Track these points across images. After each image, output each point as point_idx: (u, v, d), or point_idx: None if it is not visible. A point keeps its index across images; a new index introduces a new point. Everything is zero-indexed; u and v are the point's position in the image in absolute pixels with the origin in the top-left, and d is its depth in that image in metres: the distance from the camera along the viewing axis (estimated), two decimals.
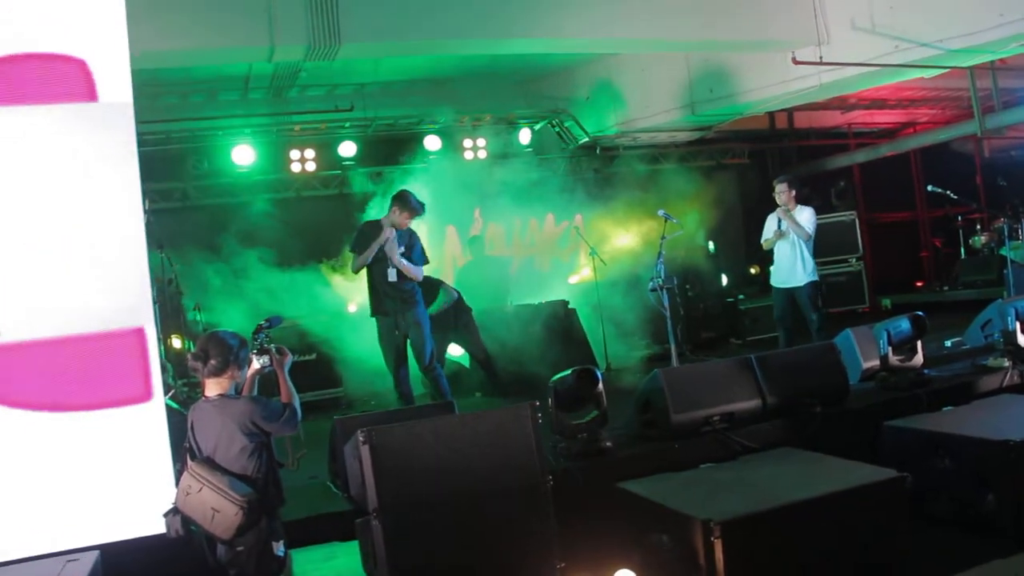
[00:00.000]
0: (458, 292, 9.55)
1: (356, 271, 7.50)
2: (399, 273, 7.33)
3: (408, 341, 7.44)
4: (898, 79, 11.78)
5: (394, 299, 7.35)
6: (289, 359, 4.22)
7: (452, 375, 8.95)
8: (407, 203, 7.41)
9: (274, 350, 4.18)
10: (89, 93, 4.43)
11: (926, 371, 6.31)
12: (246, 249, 10.48)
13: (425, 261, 7.68)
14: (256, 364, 4.14)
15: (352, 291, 11.42)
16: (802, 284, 8.66)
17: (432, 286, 8.78)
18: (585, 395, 5.23)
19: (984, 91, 12.60)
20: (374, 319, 7.54)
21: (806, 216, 8.72)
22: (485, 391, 9.75)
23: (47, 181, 4.33)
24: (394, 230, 7.32)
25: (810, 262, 8.69)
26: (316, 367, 9.67)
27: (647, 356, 10.83)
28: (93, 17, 4.46)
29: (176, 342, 9.52)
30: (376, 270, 7.34)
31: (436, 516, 3.77)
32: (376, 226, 7.45)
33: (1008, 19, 9.05)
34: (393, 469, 3.72)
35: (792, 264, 8.73)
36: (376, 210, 10.17)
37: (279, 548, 3.89)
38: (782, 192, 8.76)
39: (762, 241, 9.04)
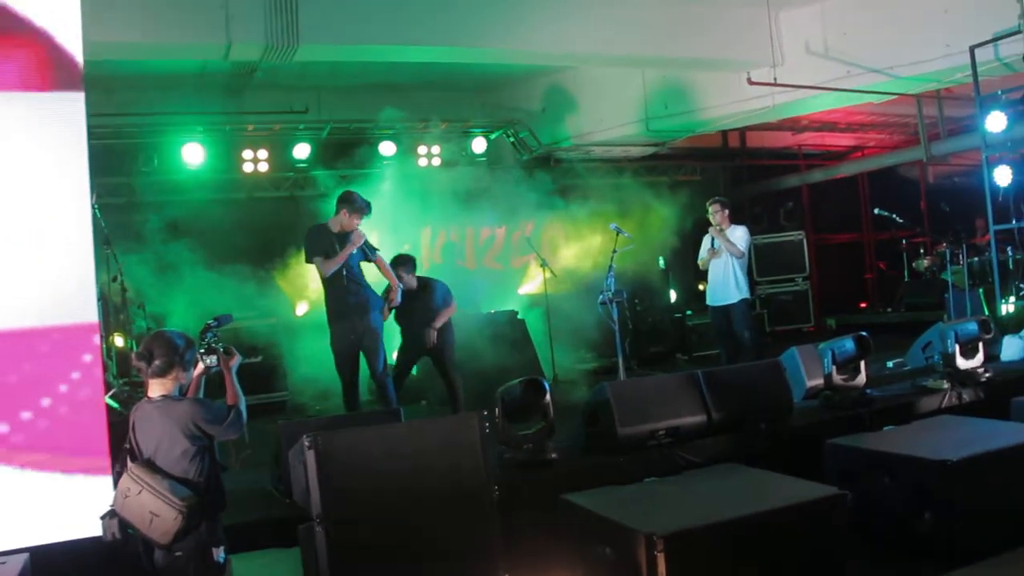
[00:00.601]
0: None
1: (326, 275, 7.28)
2: (358, 278, 7.27)
3: (362, 347, 7.36)
4: (849, 103, 12.01)
5: (352, 305, 7.26)
6: (237, 360, 4.14)
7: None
8: (355, 203, 7.34)
9: (221, 350, 4.10)
10: (40, 83, 4.34)
11: (868, 391, 6.42)
12: (194, 248, 10.31)
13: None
14: (203, 364, 4.07)
15: (299, 294, 11.34)
16: (735, 301, 8.89)
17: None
18: (532, 406, 5.23)
19: (930, 119, 12.90)
20: (328, 324, 7.41)
21: (739, 234, 8.95)
22: (431, 399, 9.70)
23: None
24: (363, 234, 7.29)
25: (743, 280, 8.90)
26: (261, 370, 9.56)
27: (594, 368, 10.88)
28: (47, 5, 4.37)
29: (119, 340, 9.33)
30: (335, 275, 7.24)
31: (380, 524, 3.73)
32: (325, 230, 7.37)
33: (954, 50, 9.32)
34: (338, 475, 3.67)
35: (724, 282, 8.95)
36: (328, 212, 10.09)
37: (219, 554, 3.81)
38: (716, 212, 9.04)
39: (699, 260, 9.26)
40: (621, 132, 12.61)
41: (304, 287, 11.19)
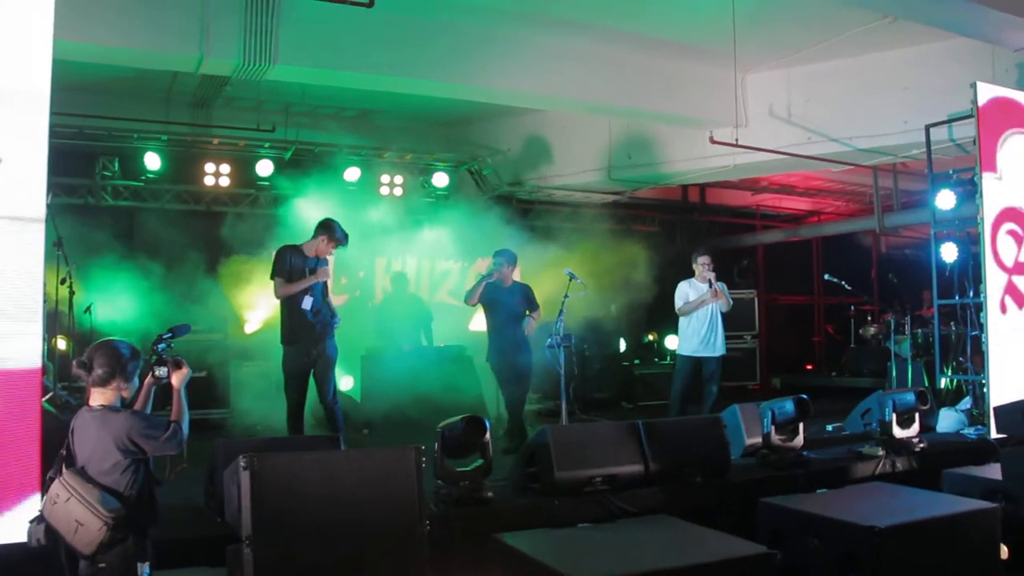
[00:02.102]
0: None
1: (281, 297, 7.22)
2: (320, 304, 7.24)
3: (313, 372, 7.28)
4: (808, 168, 12.28)
5: (310, 329, 7.19)
6: (187, 373, 4.09)
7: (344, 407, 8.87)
8: (334, 233, 7.32)
9: (171, 362, 4.07)
10: None
11: (805, 452, 6.51)
12: (147, 256, 10.24)
13: None
14: (154, 375, 4.02)
15: (250, 312, 11.24)
16: (716, 355, 8.88)
17: None
18: (472, 443, 5.22)
19: (886, 190, 13.22)
20: (283, 346, 7.31)
21: (724, 288, 9.06)
22: (372, 428, 9.65)
23: None
24: (329, 262, 7.31)
25: (723, 335, 8.96)
26: (205, 385, 9.44)
27: (536, 411, 10.88)
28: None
29: (61, 343, 9.19)
30: (295, 298, 7.17)
31: (309, 550, 3.70)
32: (297, 251, 7.30)
33: (911, 127, 9.64)
34: (271, 498, 3.65)
35: (710, 334, 8.92)
36: (285, 232, 10.06)
37: (144, 569, 3.75)
38: (705, 264, 9.02)
39: (680, 306, 9.08)
40: (584, 178, 12.76)
41: (255, 305, 11.11)
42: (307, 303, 7.16)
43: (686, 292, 9.08)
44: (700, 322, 8.96)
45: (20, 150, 4.35)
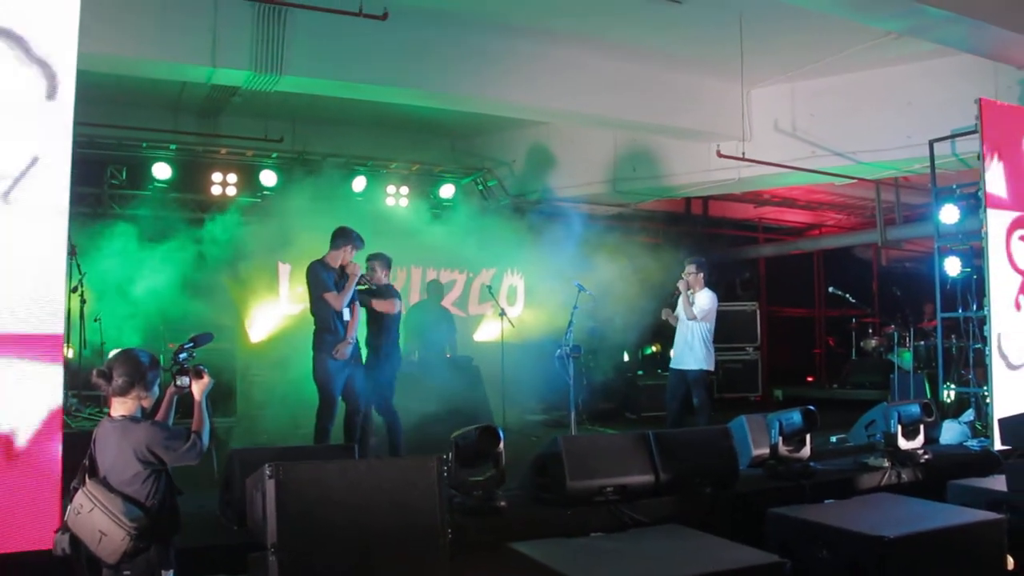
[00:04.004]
0: None
1: (337, 309, 7.23)
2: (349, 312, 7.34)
3: (353, 380, 7.34)
4: (811, 182, 12.36)
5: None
6: (208, 383, 4.11)
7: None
8: (354, 239, 7.42)
9: (192, 371, 4.10)
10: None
11: (812, 463, 6.55)
12: (155, 265, 10.27)
13: None
14: (175, 384, 4.05)
15: (256, 321, 11.28)
16: (692, 368, 8.61)
17: None
18: (485, 452, 5.27)
19: (888, 204, 13.31)
20: (327, 356, 7.23)
21: (703, 299, 8.69)
22: (378, 437, 9.67)
23: None
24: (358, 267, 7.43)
25: (701, 348, 8.58)
26: (211, 393, 9.44)
27: (543, 421, 10.93)
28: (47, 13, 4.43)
29: (68, 352, 9.22)
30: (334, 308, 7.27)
31: (333, 557, 3.75)
32: (327, 265, 7.37)
33: (914, 142, 9.73)
34: (296, 506, 3.69)
35: (684, 347, 8.70)
36: (292, 242, 10.14)
37: None
38: (689, 273, 8.77)
39: (663, 312, 9.02)
40: (588, 190, 12.84)
41: (262, 315, 11.16)
42: (347, 314, 7.27)
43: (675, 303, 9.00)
44: (680, 333, 8.79)
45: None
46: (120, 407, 3.89)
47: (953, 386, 9.55)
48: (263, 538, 3.71)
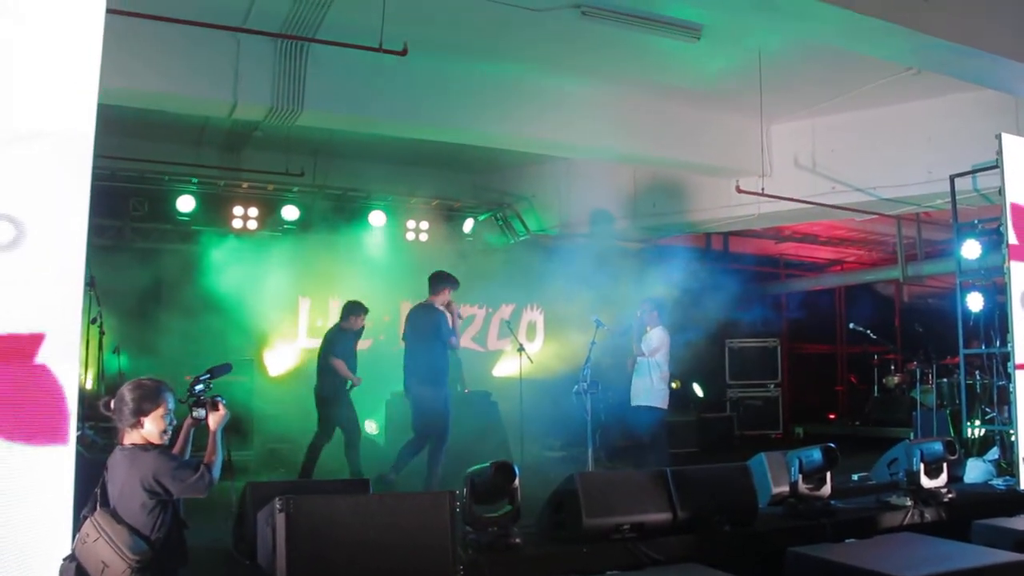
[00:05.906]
0: None
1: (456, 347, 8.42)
2: None
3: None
4: (832, 218, 12.31)
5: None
6: (224, 415, 4.11)
7: (366, 451, 8.91)
8: (452, 282, 8.25)
9: (209, 403, 4.08)
10: None
11: (833, 502, 6.46)
12: (174, 297, 10.32)
13: None
14: (192, 416, 4.04)
15: (275, 355, 11.31)
16: (640, 405, 8.91)
17: None
18: (501, 489, 5.22)
19: (909, 240, 13.22)
20: (441, 388, 8.11)
21: (652, 337, 8.97)
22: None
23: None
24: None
25: (646, 387, 8.90)
26: (227, 426, 9.43)
27: (560, 457, 10.84)
28: (69, 46, 4.46)
29: (88, 383, 9.26)
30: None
31: None
32: (436, 309, 8.14)
33: (935, 177, 9.68)
34: (306, 540, 3.67)
35: (638, 383, 9.04)
36: (313, 276, 10.16)
37: None
38: (644, 313, 9.05)
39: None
40: (608, 225, 12.81)
41: (280, 349, 11.19)
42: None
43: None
44: (636, 370, 9.10)
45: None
46: (131, 436, 3.89)
47: (978, 423, 9.41)
48: (273, 572, 3.69)
